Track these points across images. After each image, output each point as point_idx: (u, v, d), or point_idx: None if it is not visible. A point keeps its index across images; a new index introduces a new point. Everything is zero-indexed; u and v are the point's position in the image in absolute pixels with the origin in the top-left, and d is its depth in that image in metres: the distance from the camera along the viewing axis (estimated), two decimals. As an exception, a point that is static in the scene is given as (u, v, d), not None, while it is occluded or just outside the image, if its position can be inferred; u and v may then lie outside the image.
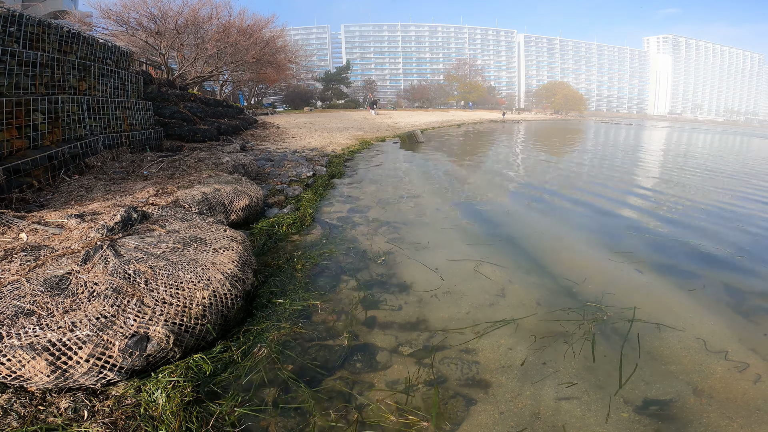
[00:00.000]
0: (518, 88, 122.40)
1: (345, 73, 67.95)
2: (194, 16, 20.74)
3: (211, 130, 11.37)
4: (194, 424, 1.77)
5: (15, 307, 2.02)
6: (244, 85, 37.48)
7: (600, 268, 3.69)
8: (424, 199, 6.37)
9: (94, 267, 2.40)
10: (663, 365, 2.33)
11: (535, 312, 2.86)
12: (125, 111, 7.60)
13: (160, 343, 2.03)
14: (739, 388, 2.15)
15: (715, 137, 32.37)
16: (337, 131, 18.22)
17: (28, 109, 4.88)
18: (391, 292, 3.15)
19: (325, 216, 5.24)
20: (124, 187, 4.66)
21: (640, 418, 1.93)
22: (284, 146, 12.04)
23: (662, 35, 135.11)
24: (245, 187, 4.95)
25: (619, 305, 2.97)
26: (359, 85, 79.41)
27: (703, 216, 5.76)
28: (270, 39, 26.54)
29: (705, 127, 62.52)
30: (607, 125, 46.87)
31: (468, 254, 3.96)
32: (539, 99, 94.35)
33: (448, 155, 12.79)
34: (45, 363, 1.82)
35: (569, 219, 5.46)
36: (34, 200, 4.13)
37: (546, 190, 7.48)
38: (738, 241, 4.62)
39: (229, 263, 2.74)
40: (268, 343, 2.40)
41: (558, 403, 2.02)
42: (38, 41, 5.76)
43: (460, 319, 2.78)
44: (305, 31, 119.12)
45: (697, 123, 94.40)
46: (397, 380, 2.18)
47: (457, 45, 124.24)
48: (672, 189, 7.96)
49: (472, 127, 31.66)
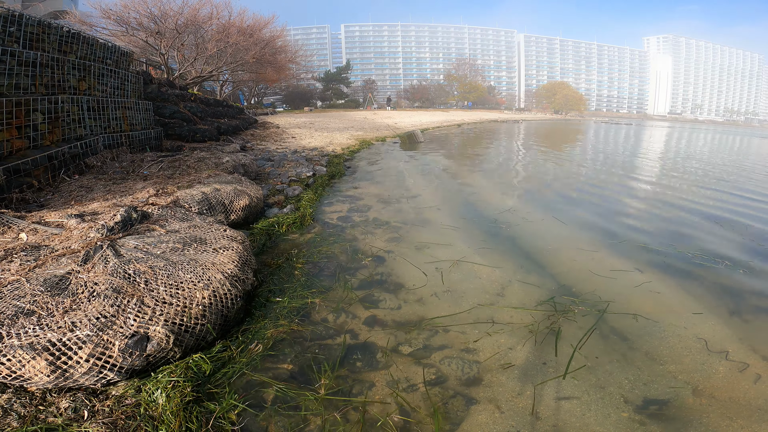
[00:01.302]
0: (518, 88, 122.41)
1: (345, 73, 68.02)
2: (194, 16, 20.75)
3: (211, 130, 11.37)
4: (194, 424, 1.77)
5: (15, 307, 2.01)
6: (244, 85, 37.50)
7: (599, 268, 3.69)
8: (424, 199, 6.37)
9: (94, 267, 2.40)
10: (662, 365, 2.33)
11: (535, 312, 2.86)
12: (125, 111, 7.60)
13: (160, 343, 2.03)
14: (739, 388, 2.14)
15: (716, 137, 32.36)
16: (337, 131, 18.22)
17: (28, 109, 4.87)
18: (391, 291, 3.15)
19: (325, 216, 5.25)
20: (124, 187, 4.66)
21: (640, 418, 1.93)
22: (284, 146, 12.04)
23: (662, 35, 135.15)
24: (245, 187, 4.95)
25: (620, 305, 2.97)
26: (359, 85, 79.46)
27: (709, 212, 5.76)
28: (270, 39, 26.54)
29: (705, 127, 62.51)
30: (607, 125, 46.86)
31: (468, 254, 3.96)
32: (539, 99, 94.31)
33: (448, 155, 12.79)
34: (45, 363, 1.82)
35: (569, 219, 5.46)
36: (34, 200, 4.13)
37: (546, 190, 7.48)
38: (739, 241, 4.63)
39: (229, 263, 2.74)
40: (266, 341, 2.40)
41: (558, 402, 2.02)
42: (38, 41, 5.76)
43: (461, 318, 2.78)
44: (305, 31, 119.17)
45: (697, 123, 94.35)
46: (397, 379, 2.18)
47: (457, 45, 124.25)
48: (675, 188, 7.96)
49: (472, 126, 31.66)
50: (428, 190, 7.09)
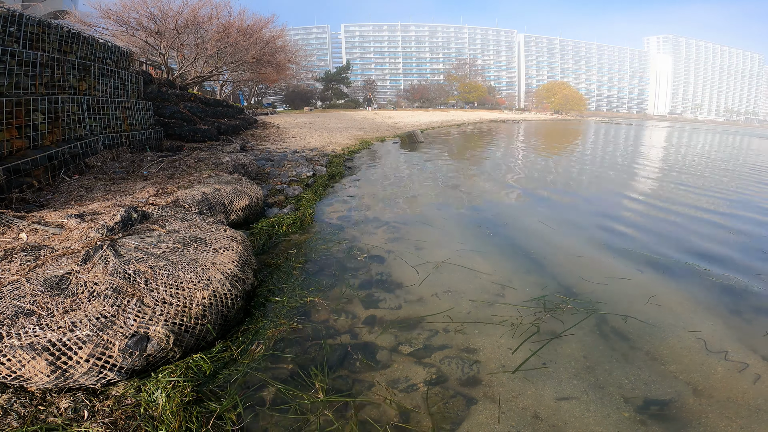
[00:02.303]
0: (518, 88, 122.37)
1: (345, 73, 68.04)
2: (194, 16, 20.75)
3: (211, 130, 11.37)
4: (194, 424, 1.77)
5: (15, 307, 2.02)
6: (244, 85, 37.50)
7: (598, 268, 3.69)
8: (424, 199, 6.37)
9: (94, 267, 2.40)
10: (662, 365, 2.33)
11: (535, 312, 2.86)
12: (125, 111, 7.60)
13: (160, 343, 2.03)
14: (738, 388, 2.15)
15: (716, 137, 32.36)
16: (337, 131, 18.22)
17: (28, 109, 4.88)
18: (391, 291, 3.15)
19: (325, 216, 5.25)
20: (124, 187, 4.66)
21: (641, 418, 1.93)
22: (284, 146, 12.04)
23: (662, 35, 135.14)
24: (245, 187, 4.95)
25: (616, 307, 2.97)
26: (359, 85, 79.48)
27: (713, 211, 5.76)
28: (270, 39, 26.54)
29: (705, 127, 62.52)
30: (607, 125, 46.86)
31: (468, 254, 3.96)
32: (539, 99, 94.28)
33: (448, 155, 12.79)
34: (45, 363, 1.82)
35: (570, 218, 5.46)
36: (34, 200, 4.13)
37: (546, 190, 7.47)
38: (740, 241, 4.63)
39: (229, 263, 2.74)
40: (267, 341, 2.40)
41: (558, 402, 2.03)
42: (38, 41, 5.76)
43: (461, 318, 2.78)
44: (305, 31, 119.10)
45: (697, 123, 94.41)
46: (397, 379, 2.18)
47: (457, 45, 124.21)
48: (678, 189, 7.96)
49: (472, 126, 31.67)
50: (428, 190, 7.09)
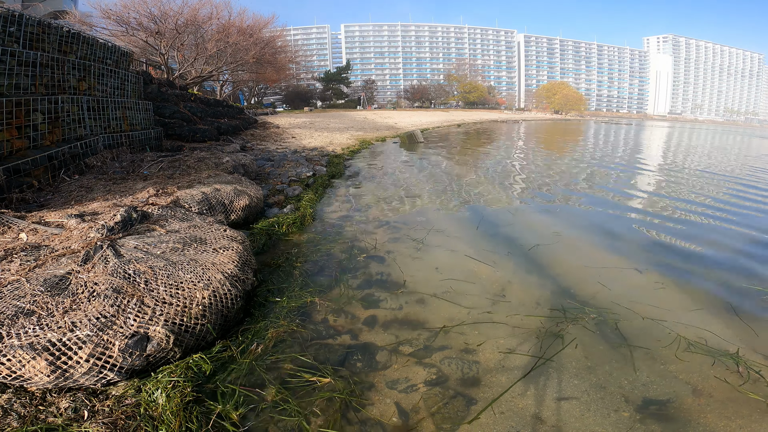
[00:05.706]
0: (518, 88, 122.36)
1: (345, 73, 68.04)
2: (194, 16, 20.76)
3: (211, 130, 11.37)
4: (194, 424, 1.77)
5: (15, 307, 2.02)
6: (244, 85, 37.51)
7: (597, 268, 3.69)
8: (424, 199, 6.37)
9: (94, 267, 2.40)
10: (662, 365, 2.33)
11: (535, 312, 2.86)
12: (125, 111, 7.60)
13: (160, 343, 2.03)
14: (737, 388, 2.14)
15: (716, 137, 32.36)
16: (337, 131, 18.22)
17: (28, 109, 4.88)
18: (391, 291, 3.15)
19: (326, 215, 5.24)
20: (124, 187, 4.66)
21: (641, 417, 1.93)
22: (284, 146, 12.04)
23: (662, 35, 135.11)
24: (245, 187, 4.95)
25: (616, 306, 2.97)
26: (359, 85, 79.48)
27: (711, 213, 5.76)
28: (270, 39, 26.58)
29: (705, 127, 62.52)
30: (608, 125, 46.86)
31: (468, 254, 3.96)
32: (539, 99, 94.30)
33: (447, 155, 12.79)
34: (45, 363, 1.82)
35: (570, 219, 5.46)
36: (34, 200, 4.13)
37: (547, 190, 7.48)
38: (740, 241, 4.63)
39: (229, 263, 2.74)
40: (267, 341, 2.40)
41: (558, 403, 2.03)
42: (38, 41, 5.76)
43: (461, 318, 2.78)
44: (305, 31, 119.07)
45: (697, 123, 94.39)
46: (398, 380, 2.18)
47: (457, 45, 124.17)
48: (677, 187, 7.96)
49: (472, 126, 31.66)
50: (428, 190, 7.09)
